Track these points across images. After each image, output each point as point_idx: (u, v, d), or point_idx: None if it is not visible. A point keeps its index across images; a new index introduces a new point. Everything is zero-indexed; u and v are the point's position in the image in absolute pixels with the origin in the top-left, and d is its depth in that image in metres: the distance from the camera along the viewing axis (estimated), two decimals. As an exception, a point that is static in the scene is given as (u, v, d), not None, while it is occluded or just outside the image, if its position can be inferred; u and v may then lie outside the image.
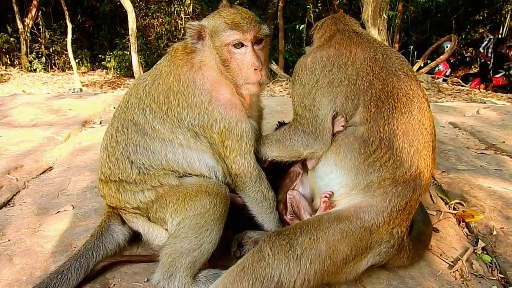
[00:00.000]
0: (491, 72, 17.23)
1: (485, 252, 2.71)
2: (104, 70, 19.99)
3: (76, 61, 16.44)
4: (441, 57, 11.56)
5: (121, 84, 17.03)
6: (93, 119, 5.73)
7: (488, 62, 17.47)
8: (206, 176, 2.52)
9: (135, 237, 2.63)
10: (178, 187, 2.41)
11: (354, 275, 2.29)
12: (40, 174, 3.83)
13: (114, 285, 2.33)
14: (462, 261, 2.56)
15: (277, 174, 2.90)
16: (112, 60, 19.17)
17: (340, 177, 2.31)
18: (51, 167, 4.02)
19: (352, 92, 2.27)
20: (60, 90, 12.77)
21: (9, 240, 2.68)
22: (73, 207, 3.13)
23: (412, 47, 15.12)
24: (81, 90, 13.91)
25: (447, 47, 14.67)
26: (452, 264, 2.58)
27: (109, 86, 16.64)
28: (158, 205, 2.42)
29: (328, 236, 2.08)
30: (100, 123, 5.62)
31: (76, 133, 5.03)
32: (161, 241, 2.45)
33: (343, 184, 2.29)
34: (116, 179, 2.47)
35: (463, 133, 5.35)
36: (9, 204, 3.26)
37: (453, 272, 2.50)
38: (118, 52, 19.26)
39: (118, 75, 19.26)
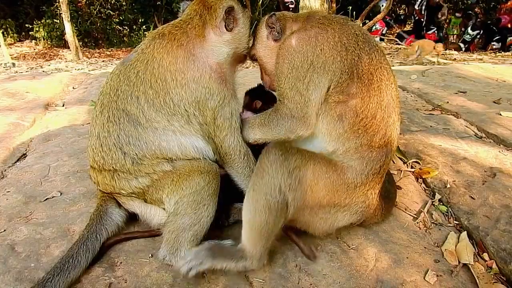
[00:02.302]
0: (424, 28, 18.24)
1: (441, 203, 3.13)
2: (33, 41, 18.70)
3: (0, 31, 14.96)
4: (378, 16, 11.92)
5: (54, 56, 16.10)
6: (54, 102, 5.59)
7: (422, 20, 18.45)
8: (197, 158, 2.63)
9: (131, 217, 2.76)
10: (171, 171, 2.53)
11: (331, 226, 2.51)
12: (16, 162, 3.78)
13: (121, 263, 2.49)
14: (424, 213, 2.97)
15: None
16: (41, 29, 17.96)
17: (323, 142, 2.45)
18: (24, 154, 3.97)
19: (345, 67, 2.33)
20: (-12, 66, 11.96)
21: (4, 230, 2.72)
22: (61, 193, 3.18)
23: (350, 7, 15.55)
24: (13, 64, 13.00)
25: (382, 5, 15.34)
26: (415, 216, 2.98)
27: (42, 58, 15.71)
28: (154, 188, 2.55)
29: (315, 167, 2.27)
30: (63, 105, 5.49)
31: (41, 117, 4.93)
32: (159, 219, 2.61)
33: (322, 149, 2.45)
34: (111, 168, 2.54)
35: (411, 96, 5.82)
36: (-8, 195, 3.22)
37: (417, 223, 2.90)
38: (47, 21, 18.04)
39: (49, 46, 18.16)
